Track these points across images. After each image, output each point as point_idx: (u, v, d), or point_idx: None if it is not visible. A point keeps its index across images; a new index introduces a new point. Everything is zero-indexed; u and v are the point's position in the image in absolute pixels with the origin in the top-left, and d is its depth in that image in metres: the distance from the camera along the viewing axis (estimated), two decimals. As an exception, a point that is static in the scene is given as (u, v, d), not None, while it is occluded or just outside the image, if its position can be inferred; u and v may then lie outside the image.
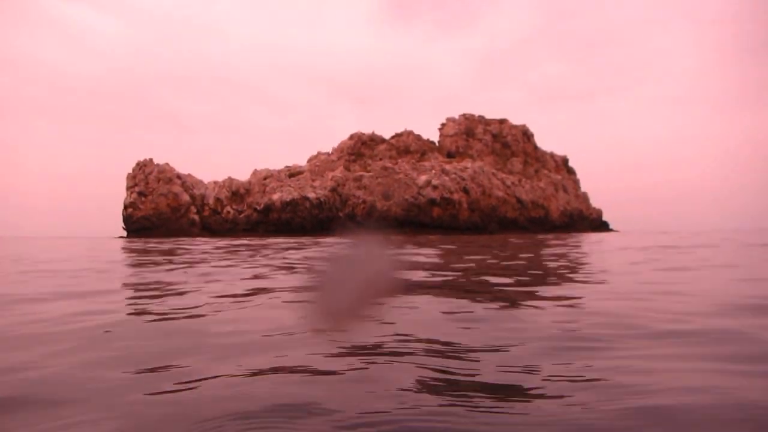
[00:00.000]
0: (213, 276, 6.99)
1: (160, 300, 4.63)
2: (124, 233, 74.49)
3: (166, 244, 25.59)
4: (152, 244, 27.46)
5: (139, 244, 28.08)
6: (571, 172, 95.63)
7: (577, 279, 6.16)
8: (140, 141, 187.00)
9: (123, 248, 20.47)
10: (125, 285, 6.27)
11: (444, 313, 3.76)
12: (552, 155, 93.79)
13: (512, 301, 4.31)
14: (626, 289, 5.18)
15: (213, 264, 9.44)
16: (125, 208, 74.99)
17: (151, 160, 77.06)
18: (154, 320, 3.62)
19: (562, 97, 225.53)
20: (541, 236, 43.87)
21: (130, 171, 77.37)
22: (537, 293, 4.82)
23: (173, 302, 4.48)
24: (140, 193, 74.37)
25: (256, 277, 6.78)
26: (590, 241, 26.42)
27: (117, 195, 78.37)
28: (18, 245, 27.32)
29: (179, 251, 15.39)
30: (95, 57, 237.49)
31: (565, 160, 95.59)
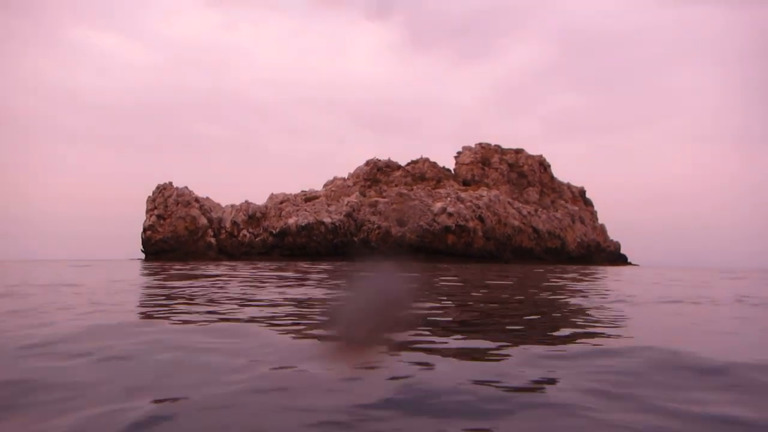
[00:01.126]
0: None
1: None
2: (142, 255, 75.38)
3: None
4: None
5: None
6: (588, 203, 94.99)
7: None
8: (161, 164, 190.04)
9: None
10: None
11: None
12: (569, 186, 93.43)
13: None
14: None
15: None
16: (144, 230, 75.92)
17: (170, 183, 78.30)
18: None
19: (580, 129, 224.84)
20: (559, 270, 43.52)
21: (150, 194, 78.61)
22: None
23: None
24: (159, 216, 75.39)
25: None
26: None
27: (136, 217, 79.55)
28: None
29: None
30: (119, 83, 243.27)
31: (582, 192, 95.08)
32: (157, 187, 78.57)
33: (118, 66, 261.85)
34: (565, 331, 5.35)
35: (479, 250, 71.93)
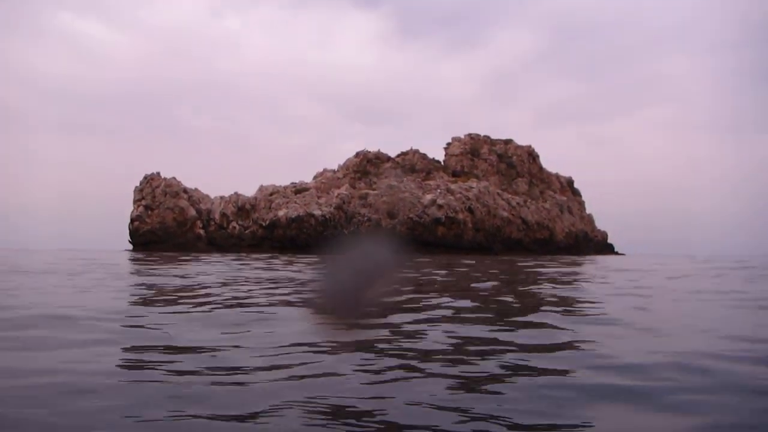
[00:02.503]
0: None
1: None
2: (130, 246, 74.86)
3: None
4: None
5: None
6: (576, 193, 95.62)
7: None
8: (148, 154, 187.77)
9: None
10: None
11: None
12: (557, 176, 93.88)
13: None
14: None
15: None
16: (132, 221, 75.36)
17: (158, 173, 77.60)
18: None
19: (569, 119, 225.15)
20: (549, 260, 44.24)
21: (138, 184, 77.85)
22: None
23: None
24: (147, 207, 74.80)
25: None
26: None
27: (123, 207, 78.80)
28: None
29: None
30: (105, 71, 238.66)
31: (570, 182, 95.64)
32: (145, 178, 77.83)
33: (103, 54, 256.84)
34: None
35: (469, 241, 72.26)
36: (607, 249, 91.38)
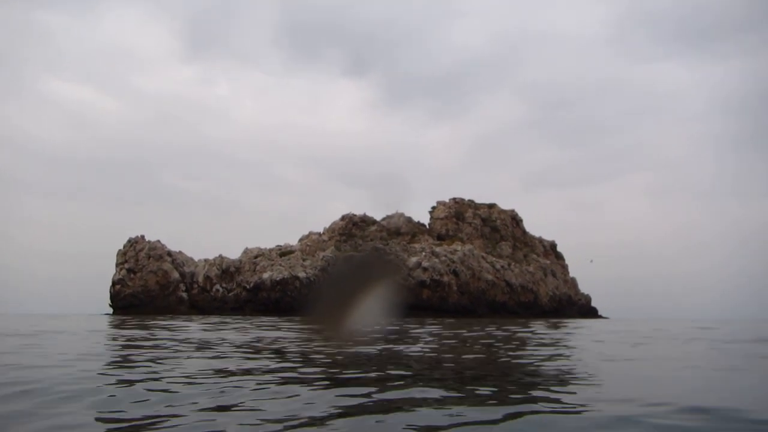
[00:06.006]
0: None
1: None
2: (110, 310, 73.54)
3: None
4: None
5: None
6: (559, 257, 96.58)
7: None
8: (133, 217, 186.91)
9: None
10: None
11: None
12: (540, 240, 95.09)
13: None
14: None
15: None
16: (113, 284, 74.39)
17: (142, 236, 77.34)
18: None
19: (551, 184, 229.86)
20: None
21: (121, 248, 77.39)
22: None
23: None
24: (130, 270, 74.12)
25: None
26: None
27: (105, 271, 77.80)
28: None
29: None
30: (93, 135, 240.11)
31: (553, 245, 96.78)
32: (129, 241, 77.45)
33: (91, 119, 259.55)
34: None
35: (454, 304, 72.16)
36: (591, 313, 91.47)
